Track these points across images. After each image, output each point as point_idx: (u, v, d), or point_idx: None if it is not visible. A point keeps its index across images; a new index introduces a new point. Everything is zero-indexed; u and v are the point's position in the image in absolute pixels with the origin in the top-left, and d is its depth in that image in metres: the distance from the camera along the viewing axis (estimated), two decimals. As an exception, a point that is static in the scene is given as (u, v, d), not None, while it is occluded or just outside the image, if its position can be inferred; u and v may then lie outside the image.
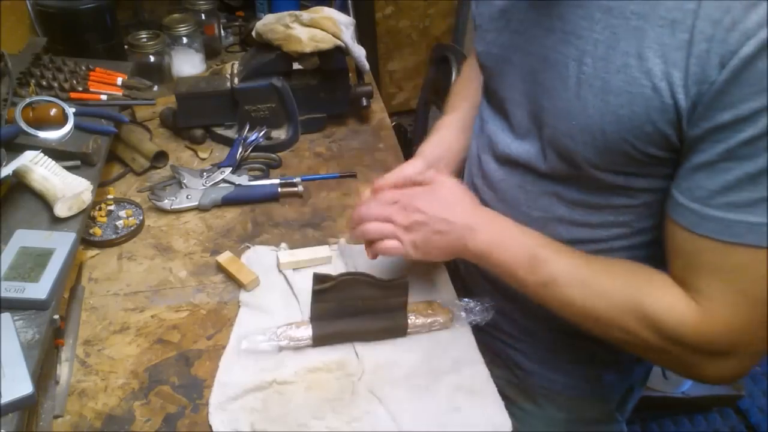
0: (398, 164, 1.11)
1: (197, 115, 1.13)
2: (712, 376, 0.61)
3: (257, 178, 1.03)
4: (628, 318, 0.61)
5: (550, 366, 0.86)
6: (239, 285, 0.83)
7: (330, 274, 0.72)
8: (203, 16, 1.40)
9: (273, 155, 1.10)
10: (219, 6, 1.52)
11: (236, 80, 1.11)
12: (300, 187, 1.01)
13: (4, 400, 0.55)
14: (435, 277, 0.86)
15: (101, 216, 0.93)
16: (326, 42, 1.09)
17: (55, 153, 0.84)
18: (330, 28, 1.10)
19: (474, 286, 0.89)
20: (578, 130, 0.62)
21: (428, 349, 0.75)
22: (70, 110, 0.90)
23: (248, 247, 0.90)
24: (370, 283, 0.72)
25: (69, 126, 0.89)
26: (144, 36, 1.26)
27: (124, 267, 0.87)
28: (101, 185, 1.00)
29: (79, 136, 0.89)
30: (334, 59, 1.13)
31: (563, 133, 0.64)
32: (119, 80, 1.05)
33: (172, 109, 1.15)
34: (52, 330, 0.66)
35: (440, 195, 0.71)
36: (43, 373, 0.67)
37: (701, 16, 0.51)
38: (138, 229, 0.93)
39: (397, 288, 0.73)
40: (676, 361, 0.62)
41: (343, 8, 1.58)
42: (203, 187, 0.99)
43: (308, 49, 1.08)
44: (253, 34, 1.14)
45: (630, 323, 0.61)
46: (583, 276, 0.64)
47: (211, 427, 0.66)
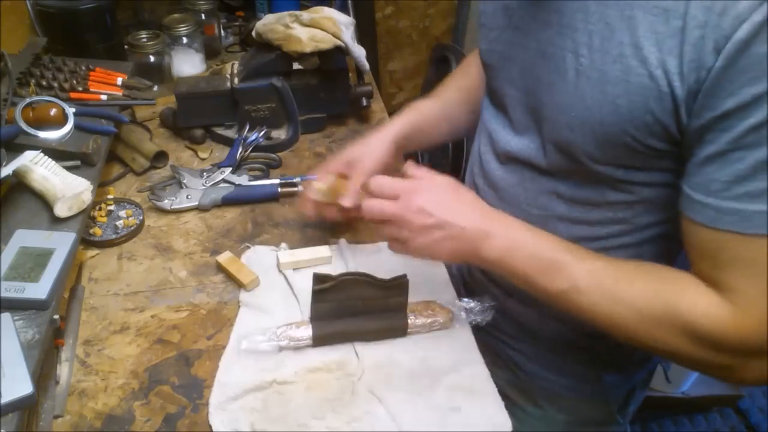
0: (398, 164, 1.12)
1: (197, 115, 1.13)
2: (751, 377, 0.58)
3: (257, 178, 1.03)
4: (663, 328, 0.58)
5: (551, 367, 0.86)
6: (239, 285, 0.83)
7: (330, 274, 0.72)
8: (203, 16, 1.41)
9: (273, 155, 1.10)
10: (219, 6, 1.52)
11: (236, 80, 1.11)
12: (300, 187, 1.01)
13: (4, 400, 0.55)
14: (435, 277, 0.86)
15: (101, 216, 0.93)
16: (326, 42, 1.09)
17: (55, 153, 0.84)
18: (330, 28, 1.10)
19: (474, 286, 0.89)
20: (577, 122, 0.62)
21: (428, 349, 0.75)
22: (70, 110, 0.90)
23: (248, 247, 0.90)
24: (370, 283, 0.71)
25: (69, 126, 0.89)
26: (144, 36, 1.26)
27: (124, 267, 0.87)
28: (101, 185, 1.00)
29: (79, 136, 0.89)
30: (334, 59, 1.13)
31: (563, 126, 0.64)
32: (119, 80, 1.05)
33: (172, 109, 1.15)
34: (52, 330, 0.66)
35: (446, 195, 0.67)
36: (43, 373, 0.67)
37: (693, 3, 0.51)
38: (138, 229, 0.93)
39: (397, 288, 0.73)
40: (714, 366, 0.59)
41: (343, 8, 1.58)
42: (203, 187, 0.99)
43: (308, 49, 1.08)
44: (253, 34, 1.14)
45: (664, 333, 0.58)
46: (607, 284, 0.60)
47: (211, 427, 0.66)
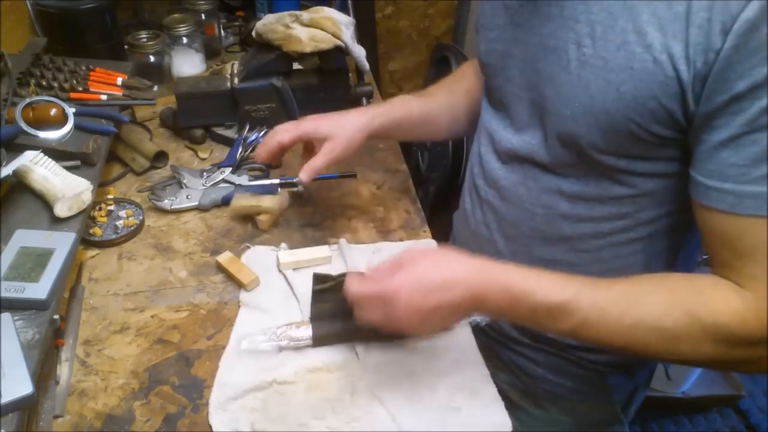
0: (398, 164, 1.13)
1: (197, 115, 1.13)
2: None
3: (257, 178, 1.03)
4: (689, 339, 0.56)
5: (555, 370, 0.85)
6: (239, 285, 0.83)
7: (330, 274, 0.72)
8: (203, 16, 1.40)
9: (273, 155, 1.10)
10: (219, 6, 1.52)
11: (236, 80, 1.11)
12: (300, 187, 1.01)
13: (4, 400, 0.55)
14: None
15: (101, 216, 0.93)
16: (326, 42, 1.09)
17: (55, 153, 0.84)
18: (330, 28, 1.10)
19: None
20: (582, 112, 0.62)
21: (428, 350, 0.75)
22: (70, 110, 0.90)
23: (248, 247, 0.90)
24: (370, 283, 0.71)
25: (69, 126, 0.89)
26: (144, 36, 1.26)
27: (124, 267, 0.87)
28: (101, 185, 1.00)
29: (79, 136, 0.89)
30: (334, 59, 1.13)
31: (567, 118, 0.64)
32: (119, 80, 1.05)
33: (172, 109, 1.15)
34: (52, 330, 0.66)
35: (428, 279, 0.60)
36: (43, 373, 0.67)
37: None
38: (138, 229, 0.93)
39: (397, 288, 0.73)
40: (750, 361, 0.57)
41: (343, 8, 1.57)
42: (203, 187, 0.99)
43: (308, 49, 1.08)
44: (253, 34, 1.14)
45: (691, 344, 0.56)
46: (618, 311, 0.58)
47: (211, 427, 0.66)
